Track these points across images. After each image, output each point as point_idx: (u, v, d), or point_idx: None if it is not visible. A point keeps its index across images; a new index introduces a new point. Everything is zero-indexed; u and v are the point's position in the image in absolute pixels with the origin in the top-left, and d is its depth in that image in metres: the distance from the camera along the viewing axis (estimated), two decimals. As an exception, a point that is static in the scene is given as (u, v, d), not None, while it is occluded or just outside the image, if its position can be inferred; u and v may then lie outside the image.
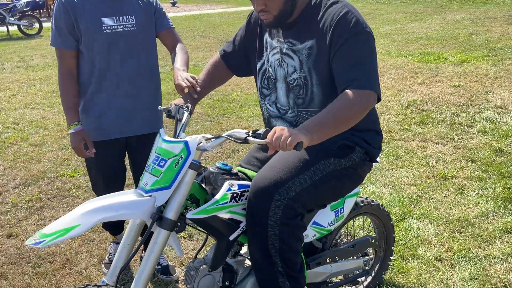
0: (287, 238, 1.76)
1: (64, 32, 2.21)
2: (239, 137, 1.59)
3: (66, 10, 2.18)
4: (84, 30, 2.19)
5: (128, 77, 2.31)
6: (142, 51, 2.33)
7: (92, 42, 2.21)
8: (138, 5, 2.31)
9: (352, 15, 1.76)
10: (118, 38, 2.24)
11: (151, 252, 1.62)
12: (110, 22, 2.21)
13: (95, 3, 2.21)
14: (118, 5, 2.24)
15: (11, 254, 2.85)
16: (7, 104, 6.22)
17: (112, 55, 2.25)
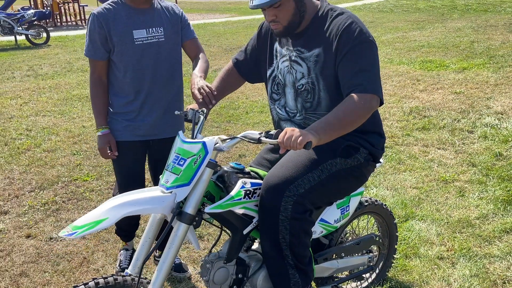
0: (297, 232, 1.89)
1: (97, 44, 2.35)
2: (253, 138, 1.72)
3: (100, 23, 2.32)
4: (117, 42, 2.33)
5: (158, 84, 2.45)
6: (170, 59, 2.47)
7: (124, 53, 2.35)
8: (165, 16, 2.46)
9: (356, 25, 1.90)
10: (148, 48, 2.38)
11: (172, 245, 1.75)
12: (141, 34, 2.36)
13: (126, 17, 2.35)
14: (147, 17, 2.38)
15: (30, 253, 2.98)
16: (19, 111, 6.38)
17: (143, 64, 2.39)
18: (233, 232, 1.89)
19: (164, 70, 2.45)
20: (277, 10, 1.90)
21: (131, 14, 2.36)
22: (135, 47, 2.35)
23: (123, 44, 2.34)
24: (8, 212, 3.55)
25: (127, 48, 2.34)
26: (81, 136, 5.25)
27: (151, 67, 2.41)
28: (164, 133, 2.54)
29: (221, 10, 28.03)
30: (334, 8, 2.01)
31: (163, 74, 2.45)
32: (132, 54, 2.36)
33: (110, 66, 2.43)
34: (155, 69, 2.42)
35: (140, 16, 2.37)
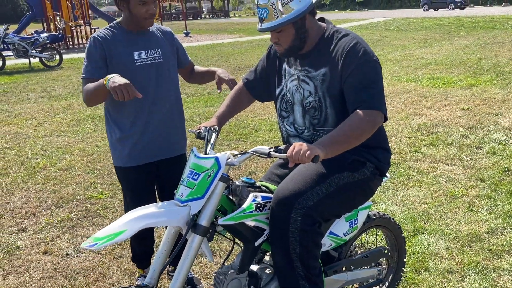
0: (307, 243, 1.95)
1: (98, 63, 2.36)
2: (263, 152, 1.81)
3: (100, 44, 2.37)
4: (116, 63, 2.37)
5: (159, 104, 2.52)
6: (169, 79, 2.55)
7: (126, 75, 2.28)
8: (162, 39, 2.55)
9: (361, 45, 2.00)
10: (148, 69, 2.44)
11: (187, 256, 1.83)
12: (140, 55, 2.42)
13: (125, 39, 2.41)
14: (145, 40, 2.46)
15: (48, 269, 3.06)
16: (34, 132, 6.55)
17: (143, 84, 2.44)
18: (245, 243, 1.96)
19: (164, 90, 2.51)
20: (278, 34, 2.03)
21: (130, 37, 2.43)
22: (136, 68, 2.41)
23: (124, 65, 2.37)
24: (25, 229, 3.65)
25: (128, 69, 2.38)
26: (94, 155, 5.37)
27: (152, 87, 2.46)
28: (168, 153, 2.60)
29: (229, 31, 28.49)
30: (340, 30, 2.11)
31: (163, 94, 2.51)
32: (133, 75, 2.36)
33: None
34: (155, 89, 2.47)
35: (138, 38, 2.44)
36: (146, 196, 2.62)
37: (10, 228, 3.68)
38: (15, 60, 15.12)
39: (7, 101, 8.99)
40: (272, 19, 1.99)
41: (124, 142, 2.51)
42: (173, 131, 2.61)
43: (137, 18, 2.36)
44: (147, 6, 2.33)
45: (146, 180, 2.60)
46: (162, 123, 2.54)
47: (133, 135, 2.49)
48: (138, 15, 2.34)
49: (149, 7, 2.33)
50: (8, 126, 6.93)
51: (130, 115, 2.48)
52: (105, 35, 2.40)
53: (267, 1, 1.98)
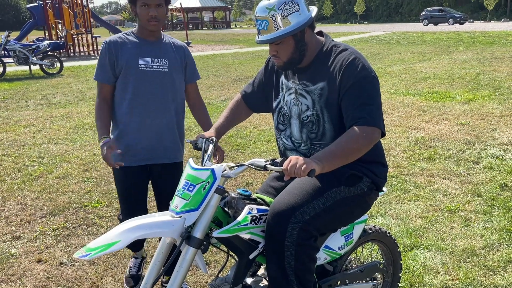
0: (302, 258, 1.95)
1: (106, 67, 2.55)
2: (259, 165, 1.81)
3: (110, 49, 2.53)
4: (123, 65, 2.52)
5: (157, 110, 2.58)
6: (171, 89, 2.61)
7: (128, 77, 2.53)
8: (172, 50, 2.63)
9: (359, 61, 2.00)
10: (151, 76, 2.55)
11: (180, 268, 1.82)
12: (145, 61, 2.54)
13: (135, 45, 2.55)
14: (154, 48, 2.57)
15: (41, 278, 3.04)
16: (32, 139, 6.54)
17: (143, 89, 2.54)
18: (239, 256, 1.95)
19: (166, 98, 2.59)
20: (277, 47, 2.03)
21: (140, 44, 2.56)
22: (139, 72, 2.53)
23: (128, 68, 2.52)
24: (20, 237, 3.63)
25: (131, 72, 2.52)
26: (92, 163, 5.37)
27: (153, 94, 2.56)
28: (161, 158, 2.66)
29: (230, 42, 28.64)
30: (338, 44, 2.12)
31: (163, 101, 2.59)
32: (135, 78, 2.53)
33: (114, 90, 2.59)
34: (156, 95, 2.57)
35: (148, 46, 2.57)
36: (134, 198, 2.70)
37: (4, 235, 3.65)
38: (16, 67, 15.16)
39: (6, 107, 8.99)
40: (272, 31, 1.99)
41: (120, 140, 2.60)
42: (169, 139, 2.65)
43: (141, 20, 2.49)
44: (149, 8, 2.43)
45: (135, 184, 2.67)
46: (158, 129, 2.61)
47: (128, 135, 2.59)
48: (141, 17, 2.47)
49: (150, 10, 2.43)
50: (6, 133, 6.92)
51: (125, 116, 2.58)
52: (117, 39, 2.56)
53: (267, 13, 1.98)
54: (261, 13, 2.01)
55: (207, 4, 64.56)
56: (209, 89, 10.64)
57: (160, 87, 2.57)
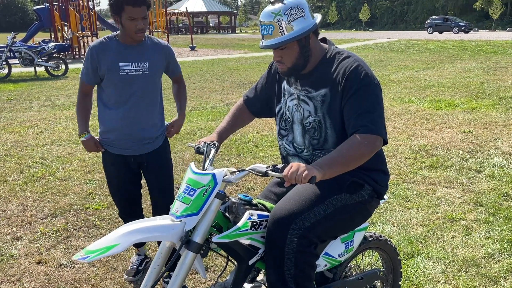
0: (302, 264, 1.94)
1: (89, 71, 2.72)
2: (260, 171, 1.81)
3: (93, 56, 2.68)
4: (105, 71, 2.68)
5: (139, 110, 2.75)
6: (152, 89, 2.78)
7: (110, 81, 2.70)
8: (153, 51, 2.76)
9: (362, 68, 2.00)
10: (131, 79, 2.70)
11: (179, 272, 1.82)
12: (126, 66, 2.68)
13: (116, 51, 2.68)
14: (134, 52, 2.70)
15: (40, 279, 3.04)
16: (35, 140, 6.57)
17: (125, 92, 2.71)
18: (238, 262, 1.95)
19: (146, 98, 2.76)
20: (282, 52, 2.03)
21: (120, 49, 2.69)
22: (120, 77, 2.68)
23: (109, 74, 2.67)
24: (20, 238, 3.64)
25: (113, 77, 2.68)
26: (94, 165, 5.38)
27: (133, 95, 2.71)
28: (140, 150, 2.82)
29: (235, 47, 28.70)
30: (341, 51, 2.12)
31: (144, 101, 2.75)
32: (117, 83, 2.68)
33: (99, 91, 2.80)
34: (137, 96, 2.72)
35: (128, 51, 2.69)
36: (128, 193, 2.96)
37: (5, 236, 3.66)
38: (21, 68, 15.23)
39: (10, 108, 9.03)
40: (277, 36, 1.99)
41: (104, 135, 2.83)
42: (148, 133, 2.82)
43: (128, 31, 2.61)
44: (136, 21, 2.56)
45: (120, 170, 2.87)
46: (139, 125, 2.78)
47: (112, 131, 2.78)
48: (128, 29, 2.59)
49: (137, 23, 2.56)
50: (9, 134, 6.95)
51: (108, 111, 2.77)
52: (99, 45, 2.70)
53: (273, 18, 1.98)
54: (266, 18, 2.01)
55: (213, 8, 64.79)
56: (213, 93, 10.66)
57: (140, 89, 2.73)
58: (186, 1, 62.84)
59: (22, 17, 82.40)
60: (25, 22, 74.06)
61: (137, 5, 2.53)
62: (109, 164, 2.90)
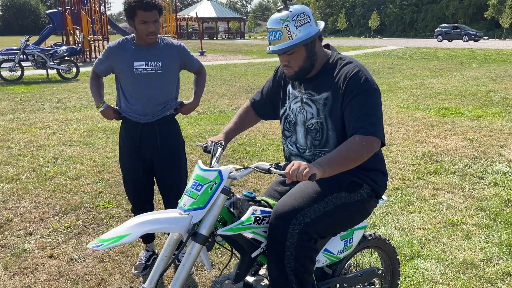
0: (302, 258, 2.04)
1: (103, 64, 3.03)
2: (264, 168, 1.92)
3: (110, 53, 2.97)
4: (120, 70, 2.94)
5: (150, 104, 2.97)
6: (166, 87, 3.00)
7: (126, 78, 2.94)
8: (168, 50, 2.97)
9: (363, 74, 2.11)
10: (145, 77, 2.92)
11: (186, 262, 1.92)
12: (140, 65, 2.91)
13: (131, 50, 2.92)
14: (148, 53, 2.92)
15: (52, 272, 3.17)
16: (47, 141, 6.73)
17: (139, 89, 2.94)
18: (242, 254, 2.05)
19: (160, 94, 2.97)
20: (290, 57, 2.14)
21: (136, 49, 2.92)
22: (135, 75, 2.91)
23: (125, 72, 2.92)
24: (33, 233, 3.77)
25: (128, 75, 2.92)
26: (104, 165, 5.52)
27: (148, 91, 2.94)
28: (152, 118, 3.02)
29: (243, 52, 28.90)
30: (343, 57, 2.23)
31: (157, 98, 2.97)
32: (133, 80, 2.92)
33: (118, 86, 3.06)
34: (150, 93, 2.94)
35: (143, 51, 2.92)
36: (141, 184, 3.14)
37: (18, 231, 3.80)
38: (34, 71, 15.49)
39: (23, 110, 9.23)
40: (286, 40, 2.09)
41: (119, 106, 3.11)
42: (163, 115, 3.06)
43: (140, 34, 2.84)
44: (147, 25, 2.80)
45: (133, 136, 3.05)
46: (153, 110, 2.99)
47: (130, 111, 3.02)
48: (140, 32, 2.82)
49: (149, 26, 2.80)
50: (22, 134, 7.13)
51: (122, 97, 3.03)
52: (117, 45, 2.96)
53: (281, 24, 2.09)
54: (274, 24, 2.12)
55: (223, 14, 65.23)
56: (221, 97, 10.80)
57: (154, 86, 2.94)
58: (196, 7, 63.37)
59: (35, 20, 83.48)
60: (37, 26, 75.01)
61: (148, 10, 2.74)
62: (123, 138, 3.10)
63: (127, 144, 3.08)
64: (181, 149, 3.14)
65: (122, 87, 3.01)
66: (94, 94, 3.10)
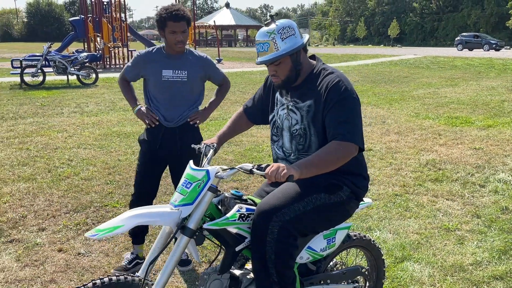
0: (281, 253, 2.20)
1: (132, 71, 3.28)
2: (247, 169, 2.09)
3: (139, 61, 3.23)
4: (148, 76, 3.19)
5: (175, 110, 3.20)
6: (190, 95, 3.24)
7: (154, 84, 3.19)
8: (194, 60, 3.21)
9: (343, 83, 2.28)
10: (171, 84, 3.16)
11: (174, 253, 2.10)
12: (168, 73, 3.15)
13: (160, 59, 3.17)
14: (176, 62, 3.16)
15: (60, 265, 3.39)
16: (63, 143, 7.03)
17: (166, 95, 3.18)
18: (226, 248, 2.22)
19: (185, 101, 3.21)
20: (276, 67, 2.32)
21: (164, 58, 3.17)
22: (162, 82, 3.15)
23: (154, 78, 3.15)
24: (45, 229, 4.01)
25: (157, 82, 3.15)
26: (115, 168, 5.76)
27: (174, 97, 3.16)
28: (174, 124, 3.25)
29: (260, 60, 29.12)
30: (326, 67, 2.40)
31: (180, 104, 3.19)
32: (159, 87, 3.16)
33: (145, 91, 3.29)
34: (177, 99, 3.18)
35: (171, 60, 3.16)
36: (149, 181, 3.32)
37: (32, 227, 4.04)
38: (55, 76, 15.97)
39: (43, 114, 9.59)
40: (273, 51, 2.28)
41: None
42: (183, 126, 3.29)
43: (169, 43, 3.09)
44: (176, 35, 3.04)
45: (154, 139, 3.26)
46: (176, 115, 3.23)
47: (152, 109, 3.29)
48: (169, 41, 3.06)
49: (177, 36, 3.04)
50: (41, 137, 7.44)
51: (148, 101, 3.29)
52: (146, 54, 3.22)
53: (268, 37, 2.28)
54: (262, 37, 2.31)
55: (241, 22, 65.82)
56: (233, 104, 11.02)
57: (179, 93, 3.17)
58: (215, 15, 64.10)
59: (59, 27, 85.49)
60: (61, 32, 76.78)
61: (177, 21, 3.00)
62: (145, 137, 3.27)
63: (147, 144, 3.26)
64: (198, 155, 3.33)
65: (149, 92, 3.23)
66: (128, 97, 3.34)
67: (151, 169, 3.28)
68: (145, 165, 3.28)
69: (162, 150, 3.23)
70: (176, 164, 3.26)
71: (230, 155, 6.38)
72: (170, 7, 3.06)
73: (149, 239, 3.73)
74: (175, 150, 3.23)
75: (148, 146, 3.26)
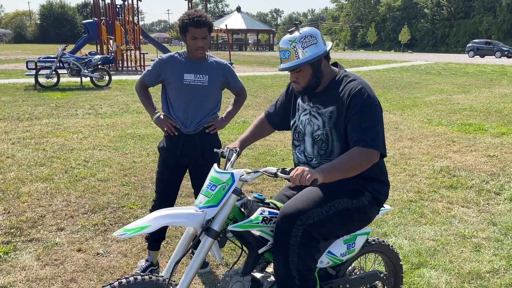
0: (304, 257, 2.23)
1: (153, 77, 3.26)
2: (271, 172, 2.13)
3: (161, 65, 3.21)
4: (169, 80, 3.18)
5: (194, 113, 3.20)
6: (211, 99, 3.25)
7: (175, 87, 3.18)
8: (215, 66, 3.24)
9: (366, 90, 2.31)
10: (192, 88, 3.17)
11: (199, 254, 2.14)
12: (189, 77, 3.17)
13: (182, 64, 3.19)
14: (198, 66, 3.19)
15: (80, 264, 3.44)
16: (79, 145, 7.11)
17: (186, 98, 3.18)
18: (249, 250, 2.26)
19: (204, 105, 3.22)
20: (297, 74, 2.36)
21: (186, 62, 3.20)
22: (183, 85, 3.16)
23: (175, 81, 3.16)
24: (64, 229, 4.07)
25: (178, 85, 3.16)
26: (131, 169, 5.82)
27: (194, 101, 3.19)
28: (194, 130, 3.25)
29: (271, 64, 29.22)
30: (349, 75, 2.43)
31: (200, 108, 3.21)
32: (180, 90, 3.17)
33: (164, 96, 3.28)
34: (197, 102, 3.20)
35: (193, 64, 3.19)
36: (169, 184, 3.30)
37: (50, 226, 4.10)
38: (69, 78, 16.16)
39: (57, 115, 9.71)
40: (293, 59, 2.33)
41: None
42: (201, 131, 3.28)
43: (190, 48, 3.13)
44: (197, 40, 3.08)
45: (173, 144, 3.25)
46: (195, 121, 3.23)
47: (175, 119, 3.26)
48: (191, 46, 3.11)
49: (198, 41, 3.08)
50: (56, 138, 7.54)
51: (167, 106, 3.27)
52: (168, 58, 3.23)
53: (290, 45, 2.33)
54: (284, 45, 2.35)
55: (252, 26, 66.02)
56: (245, 108, 11.07)
57: (200, 97, 3.19)
58: (226, 19, 64.35)
59: (71, 29, 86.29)
60: (73, 34, 77.57)
61: (198, 27, 3.04)
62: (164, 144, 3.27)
63: (167, 151, 3.25)
64: (219, 160, 3.28)
65: (169, 96, 3.23)
66: (146, 104, 3.33)
67: (171, 176, 3.27)
68: (166, 173, 3.27)
69: (183, 157, 3.23)
70: (197, 170, 3.28)
71: (244, 159, 6.42)
72: (192, 13, 3.10)
73: (163, 245, 3.77)
74: (196, 157, 3.23)
75: (168, 154, 3.25)
